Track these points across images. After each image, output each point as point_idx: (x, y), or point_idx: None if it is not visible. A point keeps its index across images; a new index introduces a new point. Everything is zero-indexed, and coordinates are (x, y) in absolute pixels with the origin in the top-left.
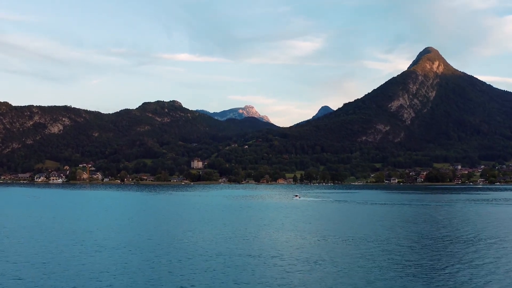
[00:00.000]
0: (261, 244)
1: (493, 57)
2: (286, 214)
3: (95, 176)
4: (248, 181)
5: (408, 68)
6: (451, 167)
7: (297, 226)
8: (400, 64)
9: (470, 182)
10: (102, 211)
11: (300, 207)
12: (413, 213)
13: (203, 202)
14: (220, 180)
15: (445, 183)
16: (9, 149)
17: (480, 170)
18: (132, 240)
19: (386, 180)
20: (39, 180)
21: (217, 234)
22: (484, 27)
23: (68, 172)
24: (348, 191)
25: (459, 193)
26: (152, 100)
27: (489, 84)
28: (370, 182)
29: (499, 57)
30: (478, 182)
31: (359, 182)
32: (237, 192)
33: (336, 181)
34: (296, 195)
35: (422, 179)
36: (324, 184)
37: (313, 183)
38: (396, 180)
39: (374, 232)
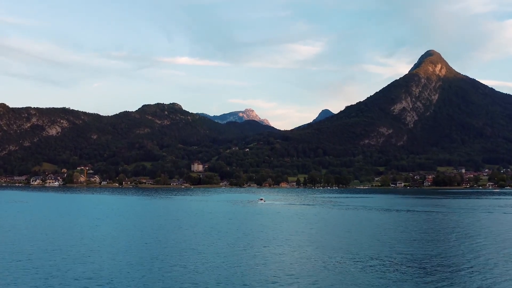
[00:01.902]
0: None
1: (494, 61)
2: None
3: (92, 179)
4: (250, 185)
5: (409, 71)
6: (455, 171)
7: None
8: (400, 68)
9: (479, 186)
10: (81, 222)
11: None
12: (455, 223)
13: (206, 210)
14: (221, 184)
15: (453, 187)
16: (6, 152)
17: (485, 174)
18: (106, 269)
19: (391, 184)
20: (35, 183)
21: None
22: (484, 31)
23: (65, 175)
24: (358, 195)
25: (480, 198)
26: (152, 103)
27: (492, 88)
28: (375, 186)
29: (500, 61)
30: (488, 185)
31: (364, 186)
32: (243, 196)
33: (341, 185)
34: (261, 199)
35: (429, 183)
36: (329, 188)
37: (317, 187)
38: (402, 184)
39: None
